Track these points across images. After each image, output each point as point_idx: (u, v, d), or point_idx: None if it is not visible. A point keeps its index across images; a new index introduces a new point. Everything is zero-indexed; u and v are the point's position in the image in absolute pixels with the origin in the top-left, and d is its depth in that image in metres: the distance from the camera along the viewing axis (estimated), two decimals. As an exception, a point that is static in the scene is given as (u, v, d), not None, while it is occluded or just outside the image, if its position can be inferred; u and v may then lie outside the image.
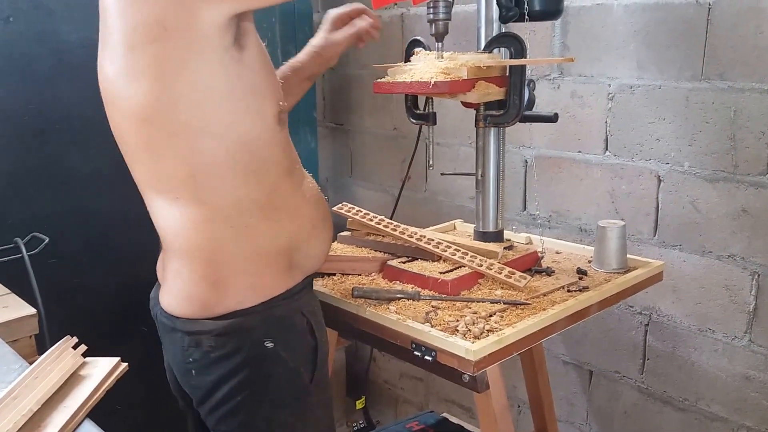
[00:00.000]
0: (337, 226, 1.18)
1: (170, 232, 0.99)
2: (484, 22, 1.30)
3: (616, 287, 1.28)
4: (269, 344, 0.99)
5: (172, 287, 1.02)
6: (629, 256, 1.38)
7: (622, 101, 1.55)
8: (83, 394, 0.81)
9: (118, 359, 0.90)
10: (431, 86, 1.15)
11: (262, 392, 1.01)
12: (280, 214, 1.00)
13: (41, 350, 0.90)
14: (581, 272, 1.33)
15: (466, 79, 1.17)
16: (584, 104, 1.61)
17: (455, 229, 1.67)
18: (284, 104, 0.99)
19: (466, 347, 1.01)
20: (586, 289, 1.25)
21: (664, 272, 1.41)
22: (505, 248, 1.36)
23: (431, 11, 1.21)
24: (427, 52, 1.28)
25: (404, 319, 1.11)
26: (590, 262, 1.40)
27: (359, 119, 2.27)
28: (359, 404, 2.29)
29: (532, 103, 1.28)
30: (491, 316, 1.12)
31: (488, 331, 1.06)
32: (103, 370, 0.87)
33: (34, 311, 1.20)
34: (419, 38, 1.31)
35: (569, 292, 1.24)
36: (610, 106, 1.57)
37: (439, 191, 2.04)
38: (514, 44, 1.22)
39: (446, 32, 1.22)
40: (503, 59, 1.26)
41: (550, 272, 1.33)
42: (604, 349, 1.70)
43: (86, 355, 0.93)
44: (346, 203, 1.52)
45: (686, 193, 1.48)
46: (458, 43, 1.32)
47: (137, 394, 1.48)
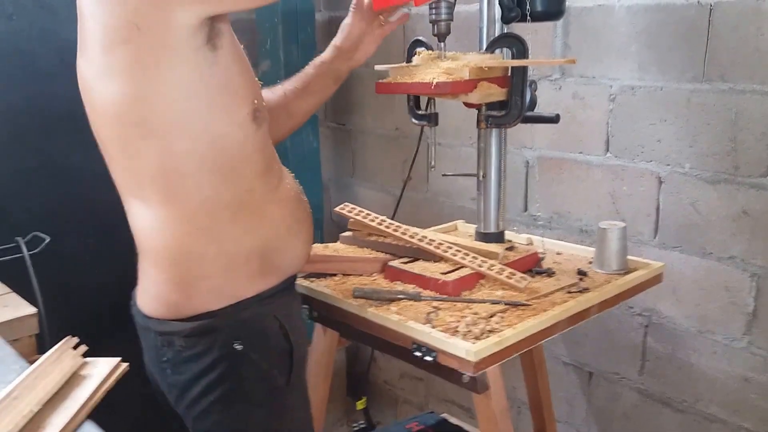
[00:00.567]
0: (338, 226, 1.18)
1: (141, 232, 1.00)
2: (486, 22, 1.30)
3: (616, 288, 1.28)
4: (238, 346, 0.99)
5: (144, 287, 1.04)
6: (630, 257, 1.39)
7: (623, 102, 1.55)
8: (84, 394, 0.81)
9: (118, 359, 0.90)
10: (433, 87, 1.15)
11: (234, 392, 1.01)
12: (250, 216, 1.00)
13: (42, 350, 0.90)
14: (582, 273, 1.33)
15: (468, 79, 1.17)
16: (586, 105, 1.62)
17: (456, 229, 1.67)
18: (259, 102, 0.99)
19: (466, 348, 1.01)
20: (586, 290, 1.25)
21: (664, 274, 1.41)
22: (506, 249, 1.36)
23: (433, 12, 1.21)
24: (429, 52, 1.28)
25: (405, 319, 1.11)
26: (591, 263, 1.40)
27: (361, 119, 2.27)
28: (360, 405, 2.29)
29: (533, 103, 1.28)
30: (492, 316, 1.12)
31: (489, 331, 1.06)
32: (103, 370, 0.87)
33: (34, 310, 1.20)
34: (421, 38, 1.31)
35: (570, 293, 1.24)
36: (611, 107, 1.57)
37: (440, 192, 2.04)
38: (516, 45, 1.22)
39: (448, 33, 1.22)
40: (505, 60, 1.26)
41: (550, 273, 1.33)
42: (603, 350, 1.70)
43: (87, 354, 0.93)
44: (348, 204, 1.52)
45: (687, 194, 1.48)
46: (460, 43, 1.32)
47: (138, 394, 1.48)
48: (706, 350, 1.51)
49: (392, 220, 1.46)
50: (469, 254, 1.30)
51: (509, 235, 1.46)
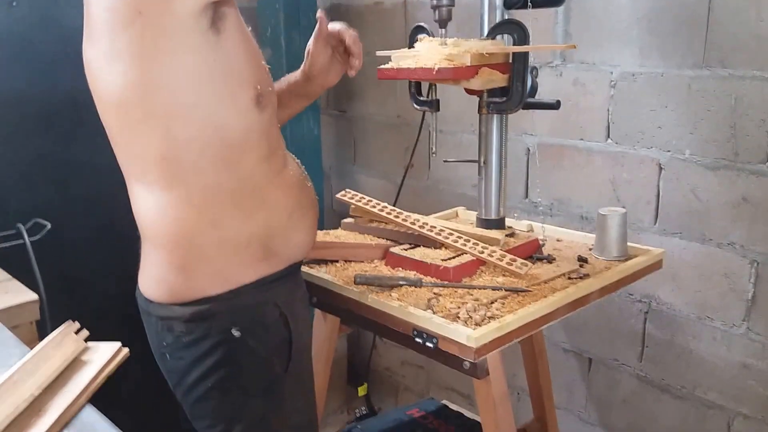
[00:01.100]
0: (339, 214, 1.18)
1: (143, 216, 1.00)
2: (487, 8, 1.29)
3: (616, 275, 1.28)
4: (236, 332, 0.99)
5: (146, 272, 1.04)
6: (630, 243, 1.39)
7: (624, 89, 1.54)
8: (85, 379, 0.81)
9: (119, 344, 0.90)
10: (435, 72, 1.15)
11: (231, 379, 1.01)
12: (251, 201, 1.00)
13: (42, 336, 0.90)
14: (582, 260, 1.34)
15: (469, 65, 1.17)
16: (586, 92, 1.61)
17: (458, 216, 1.67)
18: (263, 87, 0.98)
19: (467, 334, 1.01)
20: (586, 276, 1.25)
21: (664, 260, 1.41)
22: (506, 236, 1.36)
23: (435, -3, 1.20)
24: (430, 38, 1.27)
25: (406, 305, 1.11)
26: (591, 249, 1.40)
27: (363, 107, 2.27)
28: (361, 391, 2.30)
29: (534, 90, 1.28)
30: (492, 303, 1.12)
31: (489, 318, 1.07)
32: (104, 355, 0.88)
33: (35, 297, 1.21)
34: (423, 24, 1.30)
35: (570, 279, 1.24)
36: (612, 93, 1.57)
37: (441, 179, 2.04)
38: (517, 31, 1.22)
39: (450, 18, 1.22)
40: (506, 46, 1.25)
41: (551, 260, 1.33)
42: (603, 336, 1.71)
43: (88, 341, 0.94)
44: (349, 190, 1.52)
45: (687, 181, 1.48)
46: (461, 29, 1.32)
47: (139, 381, 1.49)
48: (705, 336, 1.51)
49: (393, 206, 1.46)
50: (469, 241, 1.30)
51: (510, 221, 1.46)
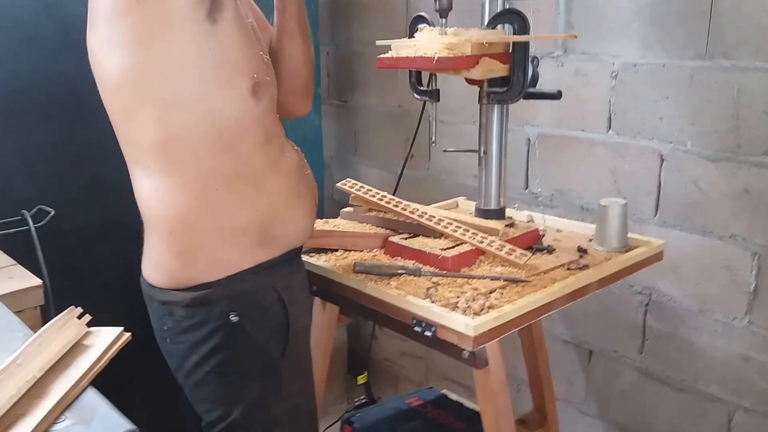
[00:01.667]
0: (339, 203, 1.18)
1: (144, 202, 1.02)
2: (488, -2, 1.29)
3: (616, 266, 1.28)
4: (234, 318, 1.01)
5: (148, 256, 1.05)
6: (630, 234, 1.39)
7: (625, 80, 1.54)
8: (86, 362, 0.82)
9: (121, 329, 0.90)
10: (435, 62, 1.14)
11: (229, 363, 1.03)
12: (247, 187, 1.01)
13: (46, 321, 0.91)
14: (582, 250, 1.34)
15: (469, 55, 1.17)
16: (588, 82, 1.61)
17: (458, 206, 1.67)
18: (260, 77, 1.00)
19: (465, 323, 1.02)
20: (586, 267, 1.25)
21: (664, 252, 1.41)
22: (506, 226, 1.36)
23: (435, -14, 1.20)
24: (431, 28, 1.27)
25: (405, 294, 1.12)
26: (591, 240, 1.40)
27: (363, 97, 2.26)
28: (361, 379, 2.30)
29: (535, 80, 1.28)
30: (491, 292, 1.13)
31: (488, 307, 1.07)
32: (106, 339, 0.88)
33: (39, 282, 1.21)
34: (423, 14, 1.30)
35: (569, 270, 1.24)
36: (613, 84, 1.56)
37: (441, 169, 2.04)
38: (517, 21, 1.22)
39: (450, 8, 1.22)
40: (507, 35, 1.25)
41: (550, 250, 1.33)
42: (603, 328, 1.71)
43: (90, 326, 0.94)
44: (349, 179, 1.52)
45: (688, 172, 1.47)
46: (462, 19, 1.31)
47: (140, 368, 1.50)
48: (706, 329, 1.51)
49: (393, 196, 1.46)
50: (469, 230, 1.30)
51: (510, 212, 1.46)
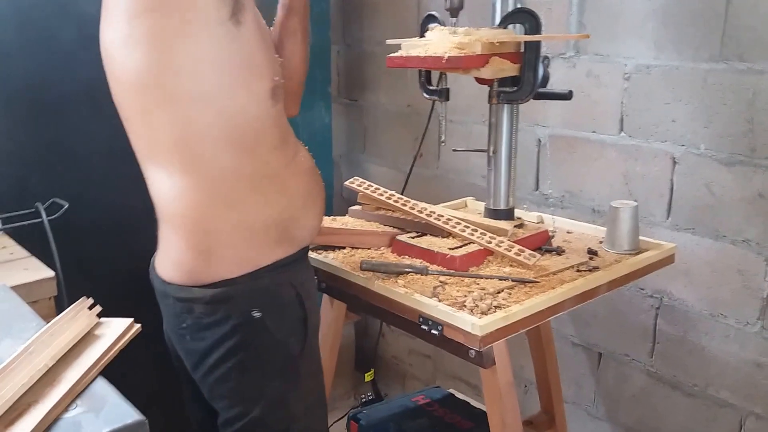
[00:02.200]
0: (348, 202, 1.18)
1: (162, 200, 1.01)
2: (499, -3, 1.29)
3: (626, 268, 1.28)
4: (256, 314, 1.01)
5: (164, 254, 1.05)
6: (641, 237, 1.38)
7: (638, 81, 1.53)
8: (97, 352, 0.83)
9: (131, 320, 0.91)
10: (445, 61, 1.14)
11: (250, 360, 1.03)
12: (270, 187, 1.02)
13: (60, 311, 0.92)
14: (592, 252, 1.33)
15: (480, 54, 1.17)
16: (600, 84, 1.60)
17: (466, 206, 1.67)
18: (279, 80, 1.01)
19: (472, 322, 1.01)
20: (596, 269, 1.25)
21: (676, 255, 1.40)
22: (515, 226, 1.36)
23: (447, -14, 1.20)
24: (441, 27, 1.27)
25: (412, 293, 1.12)
26: (601, 242, 1.39)
27: (374, 96, 2.27)
28: (368, 376, 2.31)
29: (546, 79, 1.27)
30: (499, 293, 1.12)
31: (495, 307, 1.07)
32: (116, 330, 0.89)
33: (53, 274, 1.23)
34: (434, 13, 1.30)
35: (579, 271, 1.24)
36: (626, 86, 1.55)
37: (451, 169, 2.03)
38: (529, 20, 1.21)
39: (461, 7, 1.22)
40: (518, 35, 1.25)
41: (560, 251, 1.33)
42: (613, 331, 1.69)
43: (101, 317, 0.95)
44: (357, 177, 1.53)
45: (701, 175, 1.46)
46: (473, 19, 1.31)
47: (150, 362, 1.51)
48: (718, 334, 1.50)
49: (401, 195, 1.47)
50: (477, 230, 1.30)
51: (519, 213, 1.46)
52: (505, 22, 1.25)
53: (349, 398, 2.41)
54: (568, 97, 1.28)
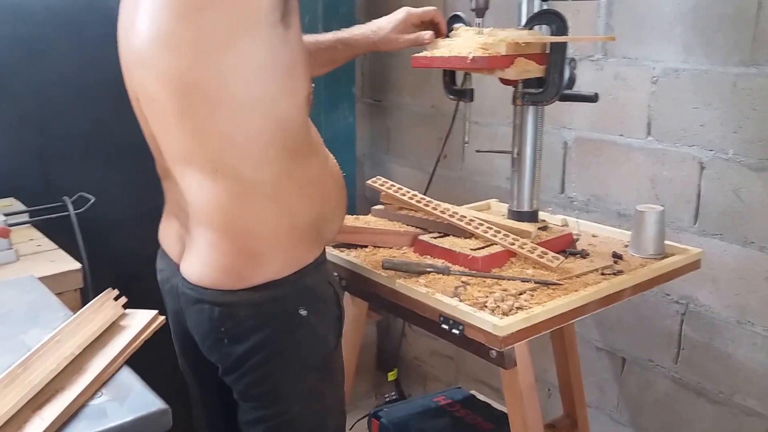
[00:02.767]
0: (370, 201, 1.19)
1: (204, 205, 0.97)
2: (526, -2, 1.28)
3: (651, 272, 1.26)
4: (303, 312, 1.01)
5: (201, 260, 1.00)
6: (667, 242, 1.36)
7: (666, 85, 1.51)
8: (122, 342, 0.85)
9: (156, 312, 0.93)
10: (469, 61, 1.14)
11: (293, 358, 1.03)
12: (311, 189, 1.02)
13: (86, 303, 0.94)
14: (617, 256, 1.32)
15: (504, 55, 1.16)
16: (627, 87, 1.58)
17: (490, 208, 1.66)
18: (313, 86, 1.01)
19: (493, 323, 1.01)
20: (620, 272, 1.23)
21: (703, 262, 1.38)
22: (539, 229, 1.35)
23: (472, -14, 1.20)
24: (467, 27, 1.27)
25: (433, 292, 1.12)
26: (627, 246, 1.38)
27: (397, 96, 2.27)
28: (391, 376, 2.31)
29: (572, 81, 1.26)
30: (521, 294, 1.12)
31: (517, 308, 1.07)
32: (141, 321, 0.91)
33: (79, 266, 1.26)
34: (459, 14, 1.30)
35: (603, 275, 1.23)
36: (654, 89, 1.54)
37: (474, 170, 2.03)
38: (555, 21, 1.21)
39: (487, 7, 1.22)
40: (543, 36, 1.24)
41: (584, 255, 1.32)
42: (638, 336, 1.68)
43: (126, 308, 0.97)
44: (380, 177, 1.53)
45: (729, 181, 1.44)
46: (499, 19, 1.31)
47: (172, 357, 1.53)
48: (744, 341, 1.47)
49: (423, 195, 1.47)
50: (500, 232, 1.29)
51: (544, 215, 1.45)
52: (531, 23, 1.24)
53: (369, 398, 2.42)
54: (593, 99, 1.27)
